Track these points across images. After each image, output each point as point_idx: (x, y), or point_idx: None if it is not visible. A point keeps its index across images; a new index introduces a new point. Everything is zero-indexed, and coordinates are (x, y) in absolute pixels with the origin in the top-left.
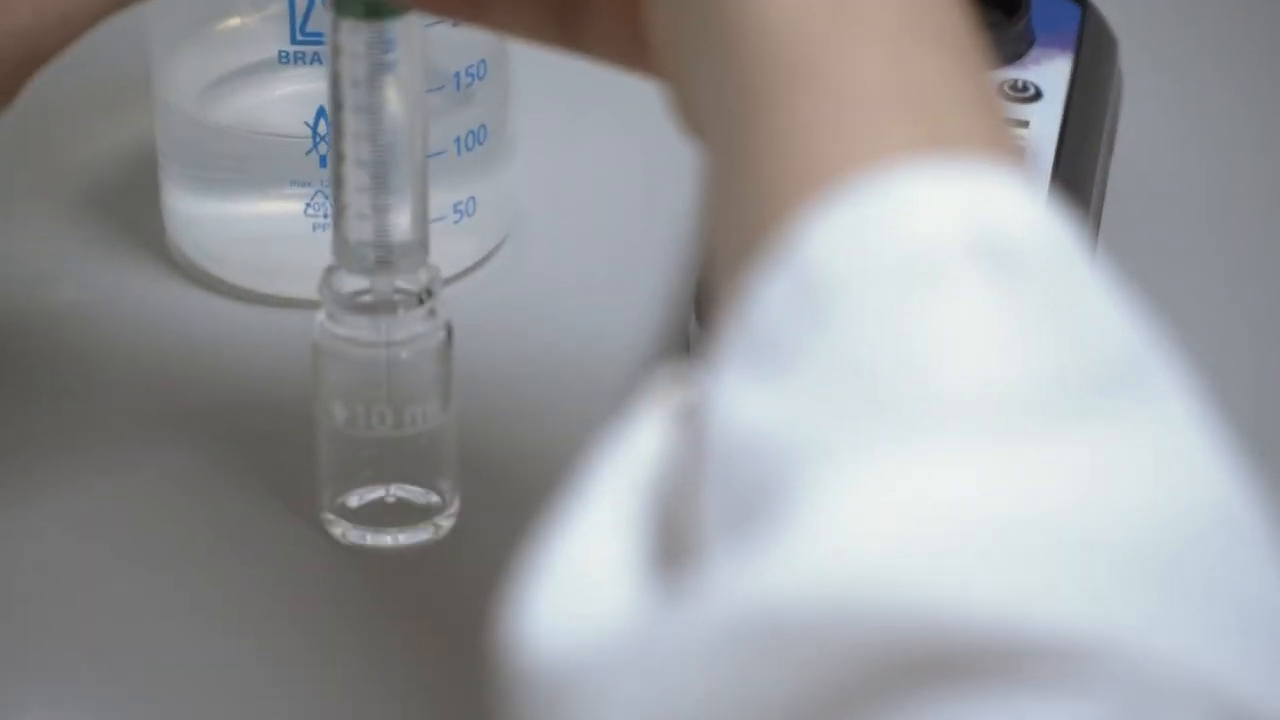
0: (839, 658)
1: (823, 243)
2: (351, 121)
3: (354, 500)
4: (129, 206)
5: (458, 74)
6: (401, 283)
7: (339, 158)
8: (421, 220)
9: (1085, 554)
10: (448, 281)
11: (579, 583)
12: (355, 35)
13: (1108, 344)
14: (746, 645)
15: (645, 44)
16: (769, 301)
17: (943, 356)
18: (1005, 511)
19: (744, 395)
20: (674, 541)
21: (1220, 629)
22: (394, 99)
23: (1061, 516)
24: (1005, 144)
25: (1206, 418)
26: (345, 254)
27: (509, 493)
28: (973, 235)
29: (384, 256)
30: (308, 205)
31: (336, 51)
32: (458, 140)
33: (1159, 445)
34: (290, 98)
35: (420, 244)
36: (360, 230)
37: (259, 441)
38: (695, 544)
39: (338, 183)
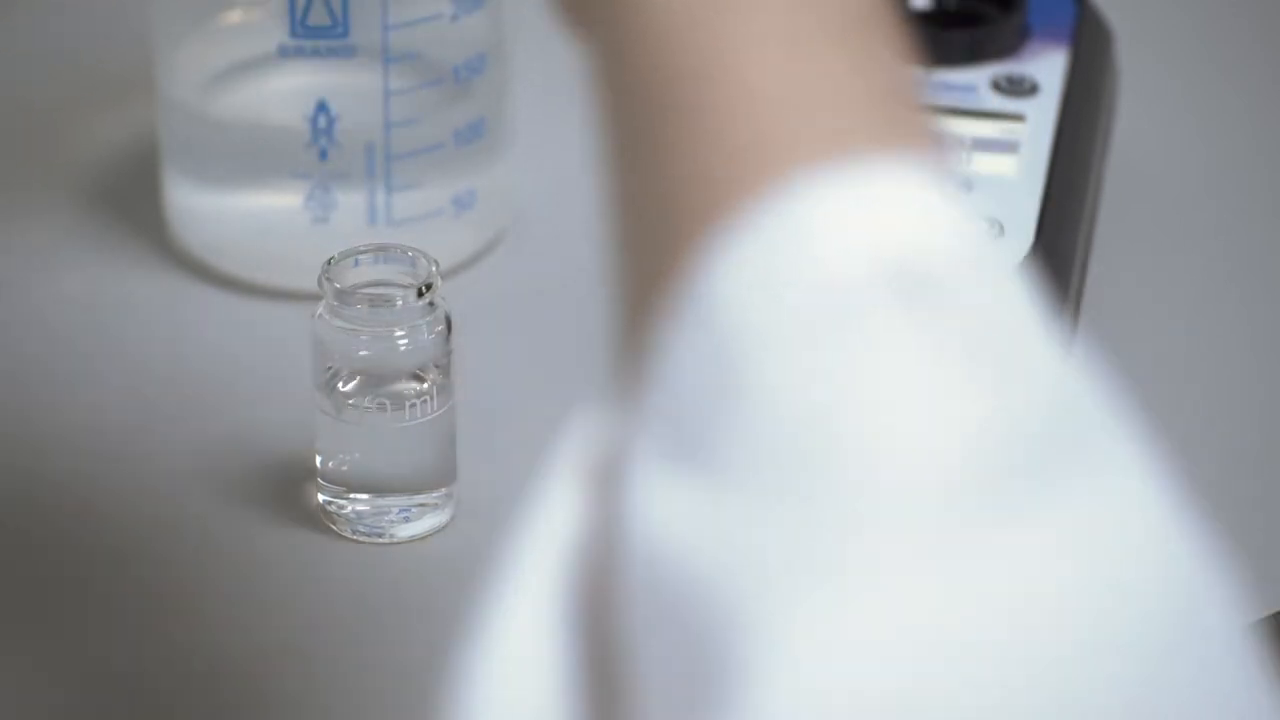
0: None
1: (731, 289)
2: None
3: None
4: (130, 199)
5: (456, 68)
6: (401, 275)
7: None
8: None
9: None
10: (447, 274)
11: (504, 690)
12: None
13: (1040, 398)
14: None
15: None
16: (681, 365)
17: (867, 432)
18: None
19: (663, 491)
20: (597, 627)
21: None
22: None
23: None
24: (913, 138)
25: (1146, 473)
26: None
27: (507, 484)
28: (883, 264)
29: None
30: (308, 198)
31: None
32: (456, 133)
33: (1097, 528)
34: (290, 91)
35: None
36: None
37: (259, 433)
38: (620, 647)
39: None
